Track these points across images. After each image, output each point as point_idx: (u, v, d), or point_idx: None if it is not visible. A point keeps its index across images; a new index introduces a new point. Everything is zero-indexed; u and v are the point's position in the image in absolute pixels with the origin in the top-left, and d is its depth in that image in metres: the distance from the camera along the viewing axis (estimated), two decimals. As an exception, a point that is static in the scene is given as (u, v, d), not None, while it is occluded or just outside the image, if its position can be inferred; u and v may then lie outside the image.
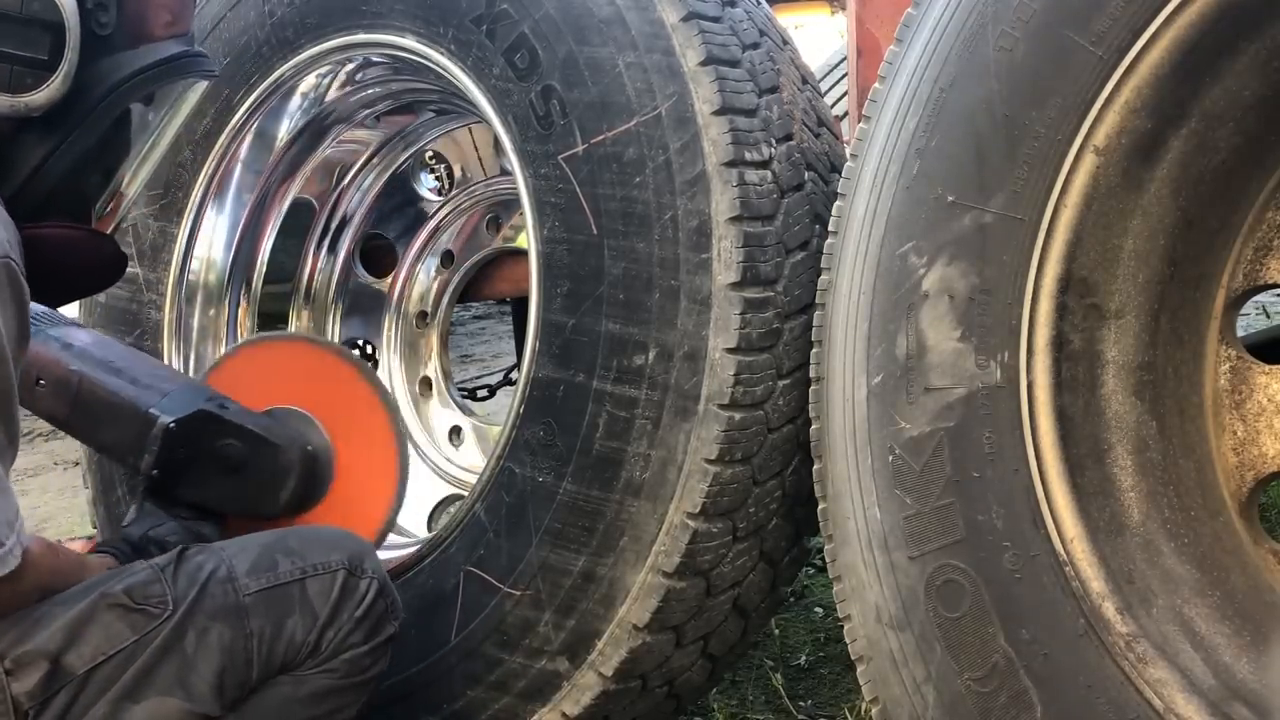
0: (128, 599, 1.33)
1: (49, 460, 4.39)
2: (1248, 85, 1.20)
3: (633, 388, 1.46)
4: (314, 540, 1.48)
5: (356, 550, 1.47)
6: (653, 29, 1.47)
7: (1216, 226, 1.27)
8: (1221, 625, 1.23)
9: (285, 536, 1.48)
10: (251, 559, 1.41)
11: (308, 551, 1.44)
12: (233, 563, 1.40)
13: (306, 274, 2.18)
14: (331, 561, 1.43)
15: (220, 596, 1.36)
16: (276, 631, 1.37)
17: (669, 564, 1.45)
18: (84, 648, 1.29)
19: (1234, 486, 1.29)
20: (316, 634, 1.39)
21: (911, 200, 1.31)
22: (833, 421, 1.38)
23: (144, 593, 1.34)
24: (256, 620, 1.37)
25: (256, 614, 1.37)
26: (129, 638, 1.31)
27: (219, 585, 1.37)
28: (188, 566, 1.38)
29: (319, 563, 1.42)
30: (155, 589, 1.34)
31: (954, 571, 1.27)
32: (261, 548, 1.44)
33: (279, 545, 1.45)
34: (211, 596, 1.36)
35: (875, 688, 1.35)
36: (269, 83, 1.91)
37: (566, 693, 1.53)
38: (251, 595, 1.38)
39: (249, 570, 1.39)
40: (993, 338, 1.26)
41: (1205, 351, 1.30)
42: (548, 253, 1.54)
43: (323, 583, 1.41)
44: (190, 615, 1.34)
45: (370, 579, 1.44)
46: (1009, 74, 1.25)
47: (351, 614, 1.41)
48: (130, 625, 1.32)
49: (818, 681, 2.13)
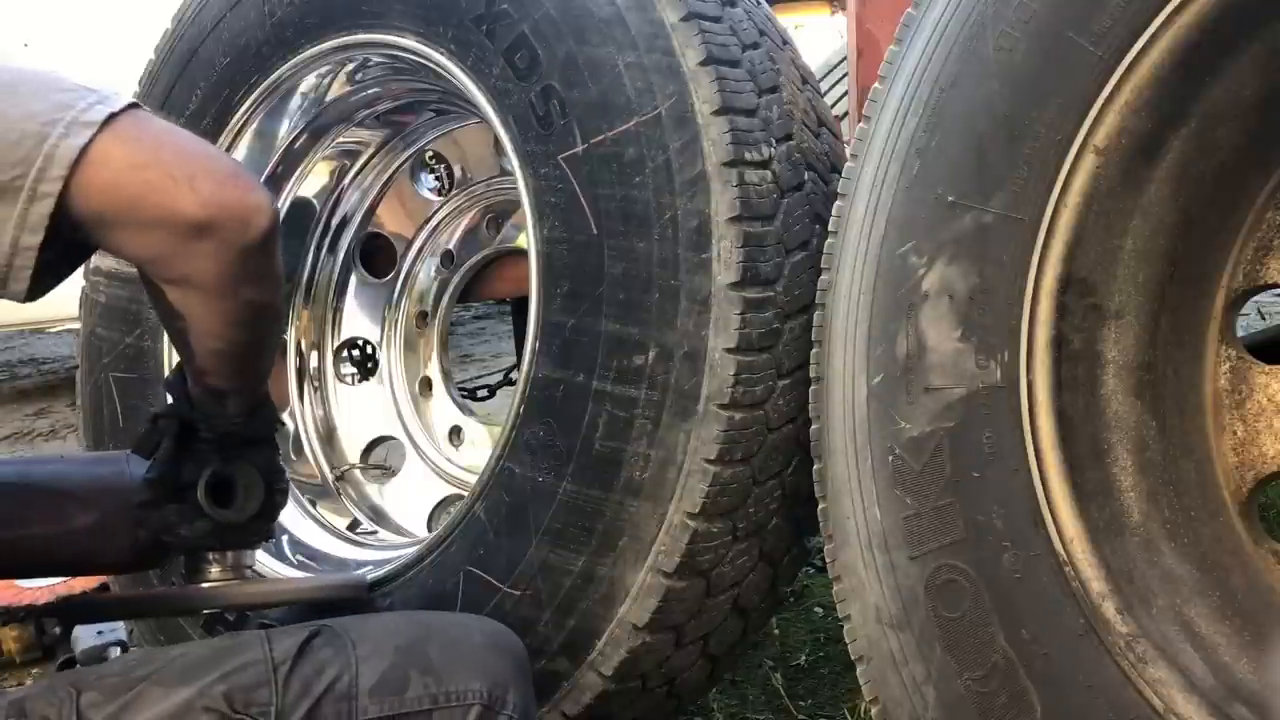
0: (226, 705, 1.17)
1: (49, 460, 4.38)
2: (1248, 85, 1.19)
3: (632, 388, 1.46)
4: (457, 656, 1.28)
5: (501, 678, 1.27)
6: (653, 29, 1.47)
7: (1216, 226, 1.27)
8: (1221, 625, 1.23)
9: (428, 641, 1.28)
10: (381, 671, 1.23)
11: (446, 672, 1.25)
12: (359, 671, 1.22)
13: (306, 273, 2.19)
14: (469, 692, 1.24)
15: (333, 719, 1.20)
16: None
17: (669, 564, 1.45)
18: None
19: (1234, 486, 1.29)
20: None
21: (911, 200, 1.31)
22: (833, 421, 1.38)
23: (247, 699, 1.18)
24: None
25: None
26: None
27: (335, 704, 1.20)
28: (306, 669, 1.21)
29: (455, 691, 1.24)
30: (261, 694, 1.18)
31: (954, 571, 1.27)
32: (396, 654, 1.25)
33: (417, 655, 1.26)
34: (322, 717, 1.19)
35: (875, 688, 1.35)
36: (269, 82, 1.91)
37: (566, 692, 1.53)
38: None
39: (374, 687, 1.21)
40: (993, 338, 1.26)
41: (1205, 351, 1.30)
42: (548, 253, 1.54)
43: (452, 717, 1.23)
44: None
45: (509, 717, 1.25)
46: (1009, 74, 1.25)
47: None
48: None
49: (818, 681, 2.13)
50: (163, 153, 1.08)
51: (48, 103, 1.04)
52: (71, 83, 1.08)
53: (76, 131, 1.03)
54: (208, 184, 1.07)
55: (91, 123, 1.04)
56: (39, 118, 1.03)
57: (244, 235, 1.09)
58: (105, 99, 1.06)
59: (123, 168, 1.05)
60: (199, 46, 1.97)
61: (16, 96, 1.05)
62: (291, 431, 2.16)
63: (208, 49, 1.96)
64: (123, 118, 1.06)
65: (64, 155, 1.03)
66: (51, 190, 1.03)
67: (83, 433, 2.10)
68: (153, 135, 1.08)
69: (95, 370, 2.05)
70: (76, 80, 1.08)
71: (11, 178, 1.02)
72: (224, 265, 1.10)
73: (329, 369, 2.22)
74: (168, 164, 1.07)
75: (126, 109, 1.07)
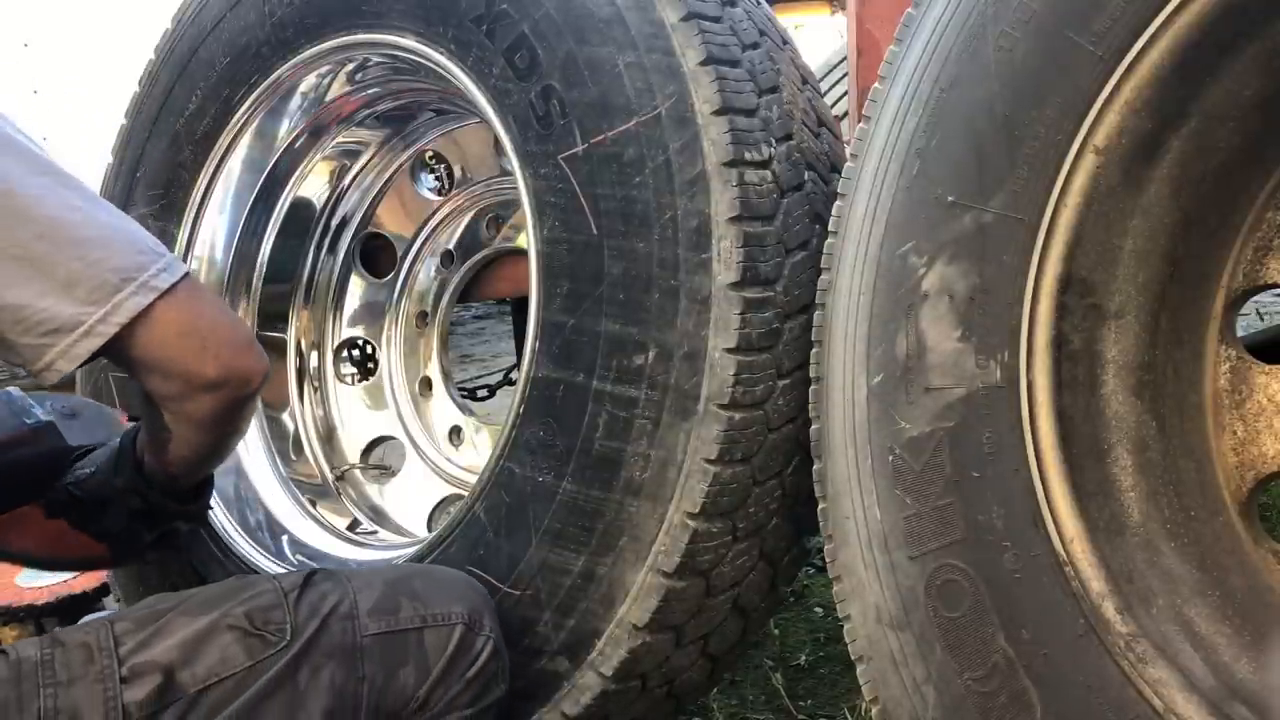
0: (248, 622, 1.31)
1: (49, 460, 4.37)
2: (1248, 85, 1.19)
3: (632, 388, 1.46)
4: (438, 586, 1.44)
5: (477, 605, 1.44)
6: (653, 29, 1.47)
7: (1216, 226, 1.27)
8: (1221, 625, 1.23)
9: (411, 577, 1.45)
10: (375, 598, 1.38)
11: (431, 598, 1.41)
12: (357, 598, 1.37)
13: (306, 273, 2.19)
14: (452, 614, 1.40)
15: (339, 634, 1.34)
16: (388, 679, 1.34)
17: (669, 564, 1.45)
18: (198, 667, 1.28)
19: (1234, 486, 1.29)
20: (427, 689, 1.36)
21: (911, 200, 1.31)
22: (833, 421, 1.38)
23: (264, 617, 1.32)
24: (370, 665, 1.34)
25: (371, 658, 1.34)
26: (243, 662, 1.29)
27: (339, 621, 1.35)
28: (312, 595, 1.36)
29: (440, 613, 1.39)
30: (276, 614, 1.33)
31: (954, 571, 1.27)
32: (386, 586, 1.41)
33: (404, 586, 1.42)
34: (330, 632, 1.34)
35: (875, 688, 1.35)
36: (269, 82, 1.92)
37: (566, 692, 1.53)
38: (370, 637, 1.35)
39: (371, 610, 1.37)
40: (993, 338, 1.26)
41: (1205, 351, 1.30)
42: (548, 253, 1.54)
43: (440, 635, 1.38)
44: (308, 649, 1.32)
45: (487, 637, 1.41)
46: (1009, 74, 1.25)
47: (463, 673, 1.38)
48: (246, 650, 1.30)
49: (818, 681, 2.13)
50: (200, 322, 1.29)
51: (128, 260, 1.24)
52: (148, 244, 1.28)
53: (144, 292, 1.23)
54: (227, 352, 1.29)
55: (157, 288, 1.24)
56: (119, 273, 1.23)
57: (243, 391, 1.31)
58: (170, 266, 1.26)
59: (169, 331, 1.26)
60: (199, 46, 1.97)
61: (110, 249, 1.24)
62: (291, 431, 2.16)
63: (208, 49, 1.96)
64: (181, 287, 1.26)
65: (129, 309, 1.23)
66: (106, 332, 1.23)
67: (83, 433, 2.09)
68: (197, 308, 1.29)
69: (95, 370, 2.05)
70: (151, 241, 1.29)
71: (75, 313, 1.22)
72: (221, 411, 1.32)
73: (329, 369, 2.22)
74: (203, 333, 1.28)
75: (184, 278, 1.27)
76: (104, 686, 1.24)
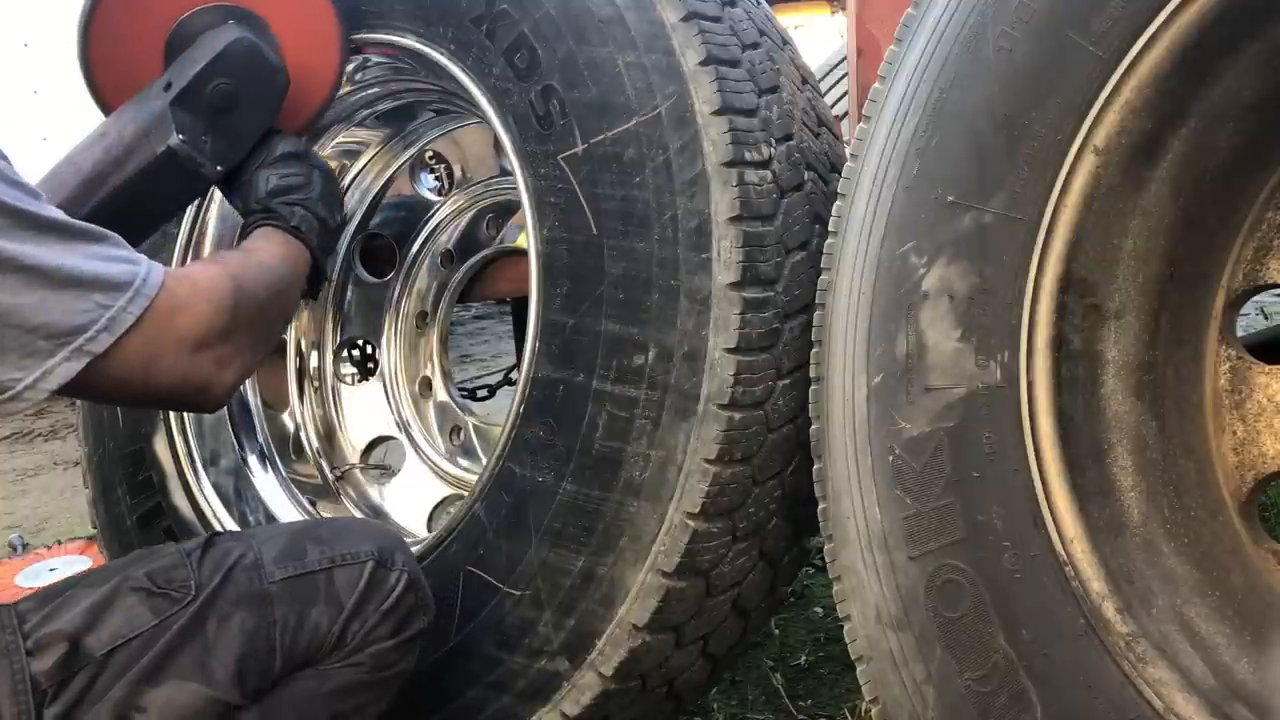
0: (150, 583, 1.33)
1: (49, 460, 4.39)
2: (1248, 85, 1.19)
3: (632, 387, 1.46)
4: (345, 530, 1.47)
5: (388, 543, 1.45)
6: (653, 29, 1.47)
7: (1216, 226, 1.27)
8: (1221, 625, 1.23)
9: (316, 526, 1.47)
10: (280, 547, 1.40)
11: (337, 541, 1.42)
12: (260, 550, 1.39)
13: (306, 274, 2.18)
14: (361, 552, 1.41)
15: (245, 583, 1.36)
16: (300, 621, 1.36)
17: (669, 564, 1.45)
18: (103, 631, 1.29)
19: (1234, 486, 1.29)
20: (341, 625, 1.38)
21: (911, 200, 1.31)
22: (833, 421, 1.38)
23: (167, 577, 1.34)
24: (281, 608, 1.36)
25: (281, 602, 1.36)
26: (150, 621, 1.31)
27: (244, 572, 1.36)
28: (215, 552, 1.38)
29: (348, 553, 1.41)
30: (179, 573, 1.34)
31: (954, 571, 1.27)
32: (290, 536, 1.43)
33: (309, 534, 1.44)
34: (236, 583, 1.35)
35: (875, 688, 1.35)
36: (269, 83, 1.91)
37: (566, 693, 1.53)
38: (277, 583, 1.37)
39: (276, 558, 1.38)
40: (993, 338, 1.26)
41: (1205, 351, 1.30)
42: (548, 253, 1.54)
43: (350, 573, 1.40)
44: (213, 601, 1.33)
45: (400, 571, 1.43)
46: (1009, 74, 1.25)
47: (378, 606, 1.40)
48: (152, 609, 1.31)
49: (818, 681, 2.13)
50: (151, 368, 1.31)
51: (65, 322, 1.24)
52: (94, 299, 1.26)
53: (77, 357, 1.25)
54: (176, 393, 1.36)
55: (91, 352, 1.25)
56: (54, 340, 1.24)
57: (197, 403, 1.39)
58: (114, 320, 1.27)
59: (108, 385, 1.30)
60: (199, 46, 1.96)
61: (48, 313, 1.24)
62: (291, 431, 2.16)
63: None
64: (130, 338, 1.28)
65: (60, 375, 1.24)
66: (36, 398, 1.25)
67: (82, 432, 2.09)
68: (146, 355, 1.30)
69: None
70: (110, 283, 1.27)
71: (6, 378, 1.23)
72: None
73: (329, 369, 2.22)
74: (146, 382, 1.32)
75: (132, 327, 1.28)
76: (10, 661, 1.25)
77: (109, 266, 1.29)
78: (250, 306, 1.43)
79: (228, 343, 1.39)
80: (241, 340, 1.41)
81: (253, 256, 1.54)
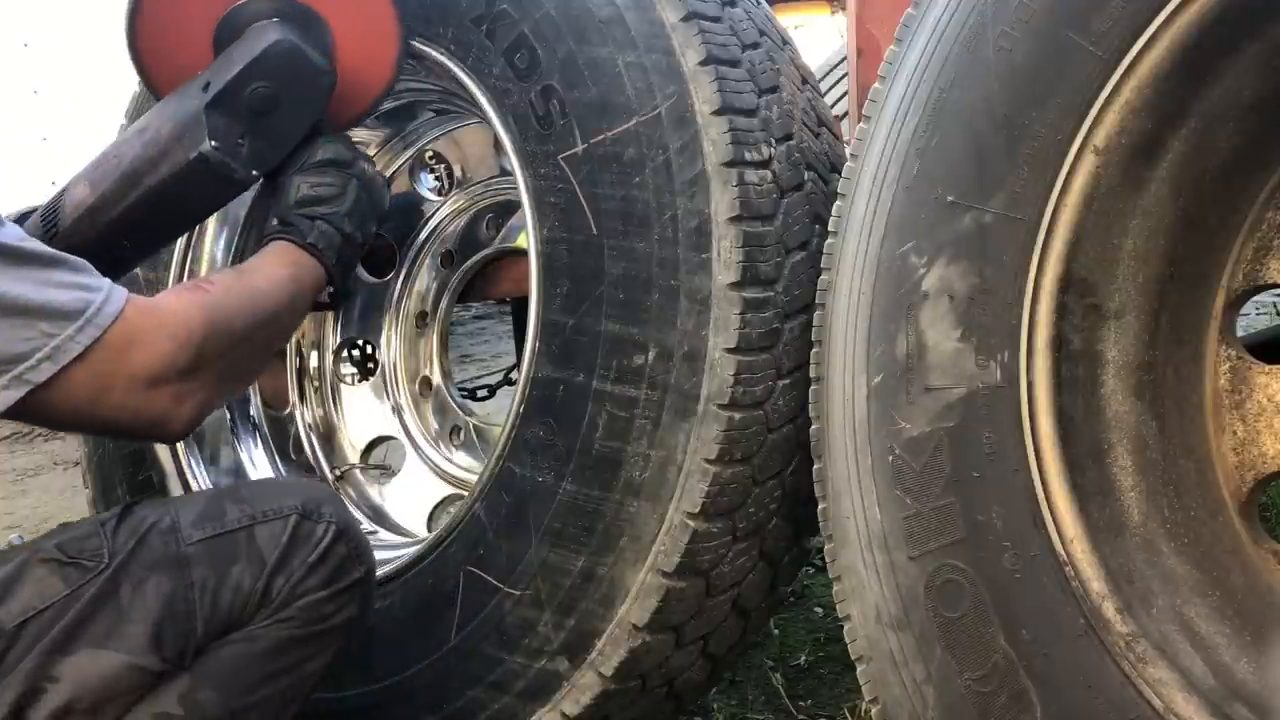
0: (60, 553, 1.31)
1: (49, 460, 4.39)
2: (1248, 85, 1.19)
3: (632, 387, 1.46)
4: (267, 489, 1.44)
5: (313, 496, 1.42)
6: (653, 29, 1.47)
7: (1216, 226, 1.27)
8: (1221, 625, 1.23)
9: (238, 487, 1.46)
10: (199, 509, 1.38)
11: (259, 499, 1.39)
12: (178, 514, 1.36)
13: (306, 274, 2.18)
14: (284, 507, 1.38)
15: (160, 547, 1.33)
16: (220, 580, 1.33)
17: (669, 564, 1.45)
18: (13, 604, 1.28)
19: (1234, 486, 1.29)
20: (265, 581, 1.34)
21: (911, 200, 1.31)
22: (833, 421, 1.38)
23: (78, 547, 1.32)
24: (199, 570, 1.33)
25: (199, 564, 1.33)
26: (61, 591, 1.29)
27: (159, 536, 1.34)
28: (131, 520, 1.35)
29: (269, 509, 1.38)
30: (91, 543, 1.32)
31: (954, 571, 1.27)
32: (210, 498, 1.42)
33: (230, 494, 1.42)
34: (150, 547, 1.33)
35: (875, 688, 1.35)
36: (269, 83, 1.91)
37: (566, 693, 1.53)
38: (194, 545, 1.34)
39: (194, 520, 1.36)
40: (993, 338, 1.26)
41: (1205, 351, 1.30)
42: (548, 253, 1.54)
43: (272, 529, 1.36)
44: (126, 566, 1.31)
45: (327, 523, 1.38)
46: (1009, 74, 1.25)
47: (305, 559, 1.36)
48: (63, 579, 1.30)
49: (818, 681, 2.13)
50: (101, 400, 1.31)
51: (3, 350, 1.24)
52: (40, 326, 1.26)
53: (16, 386, 1.25)
54: (125, 425, 1.36)
55: (30, 382, 1.25)
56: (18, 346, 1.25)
57: (153, 436, 1.39)
58: (59, 349, 1.26)
59: (53, 414, 1.30)
60: (199, 46, 1.96)
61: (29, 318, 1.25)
62: (291, 431, 2.16)
63: (208, 49, 1.95)
64: (73, 370, 1.27)
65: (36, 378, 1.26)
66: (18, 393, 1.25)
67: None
68: (95, 385, 1.29)
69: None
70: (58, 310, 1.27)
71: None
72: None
73: (329, 369, 2.22)
74: (93, 414, 1.32)
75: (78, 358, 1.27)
76: None
77: (60, 294, 1.27)
78: (220, 341, 1.40)
79: (190, 379, 1.36)
80: (206, 376, 1.38)
81: (244, 280, 1.51)
